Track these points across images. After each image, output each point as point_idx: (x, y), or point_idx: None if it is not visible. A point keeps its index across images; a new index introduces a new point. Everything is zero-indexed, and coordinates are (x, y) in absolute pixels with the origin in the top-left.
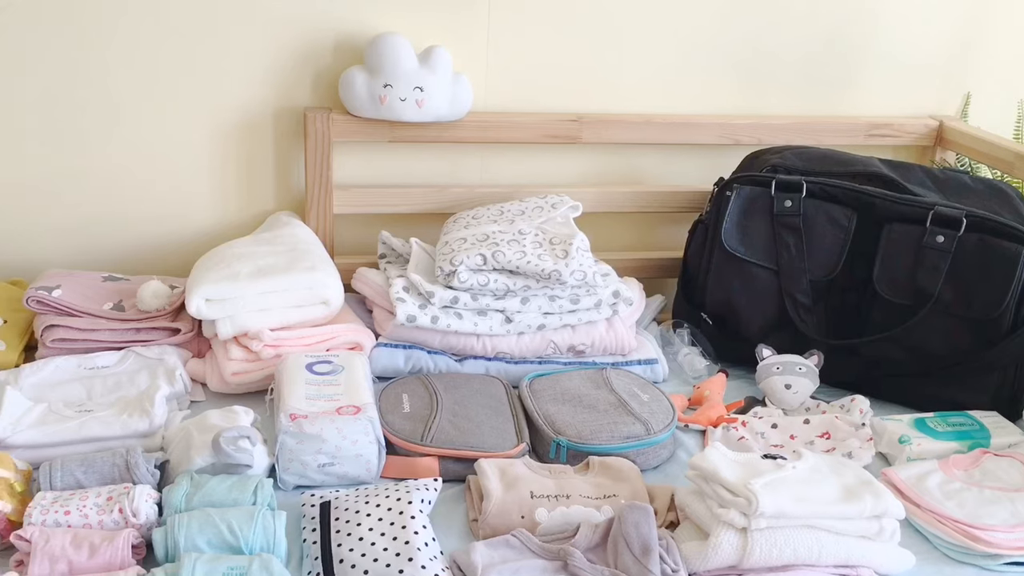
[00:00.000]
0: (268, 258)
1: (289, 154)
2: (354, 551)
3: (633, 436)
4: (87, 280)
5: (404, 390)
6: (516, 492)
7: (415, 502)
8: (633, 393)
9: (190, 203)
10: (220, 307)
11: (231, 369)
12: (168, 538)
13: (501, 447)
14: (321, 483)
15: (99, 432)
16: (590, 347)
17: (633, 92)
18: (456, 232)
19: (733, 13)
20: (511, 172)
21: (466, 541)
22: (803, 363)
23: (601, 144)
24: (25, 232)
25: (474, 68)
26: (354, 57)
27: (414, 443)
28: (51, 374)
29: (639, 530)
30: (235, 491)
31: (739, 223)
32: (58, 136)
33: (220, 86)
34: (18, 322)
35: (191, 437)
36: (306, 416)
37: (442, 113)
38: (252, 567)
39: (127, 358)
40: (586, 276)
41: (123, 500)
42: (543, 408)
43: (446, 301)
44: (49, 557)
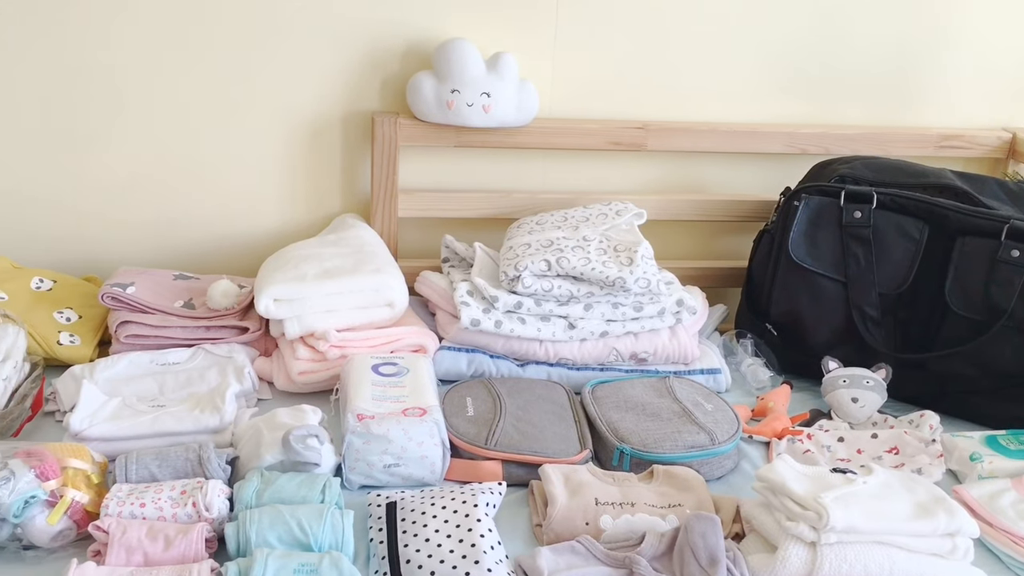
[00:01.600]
0: (335, 260)
1: (356, 157)
2: (421, 552)
3: (697, 446)
4: (159, 278)
5: (468, 393)
6: (581, 498)
7: (480, 505)
8: (697, 402)
9: (259, 204)
10: (288, 307)
11: (298, 368)
12: (240, 533)
13: (565, 453)
14: (386, 483)
15: (172, 427)
16: (652, 355)
17: (699, 100)
18: (520, 237)
19: (801, 22)
20: (574, 178)
21: (529, 546)
22: (870, 376)
23: (665, 152)
24: (99, 230)
25: (540, 74)
26: (422, 63)
27: (478, 446)
28: (124, 369)
29: (706, 540)
30: (304, 489)
31: (807, 233)
32: (132, 138)
33: (290, 90)
34: (92, 318)
35: (261, 434)
36: (373, 417)
37: (508, 119)
38: (323, 564)
39: (197, 355)
40: (650, 284)
41: (196, 494)
42: (606, 415)
43: (510, 306)
44: (126, 548)
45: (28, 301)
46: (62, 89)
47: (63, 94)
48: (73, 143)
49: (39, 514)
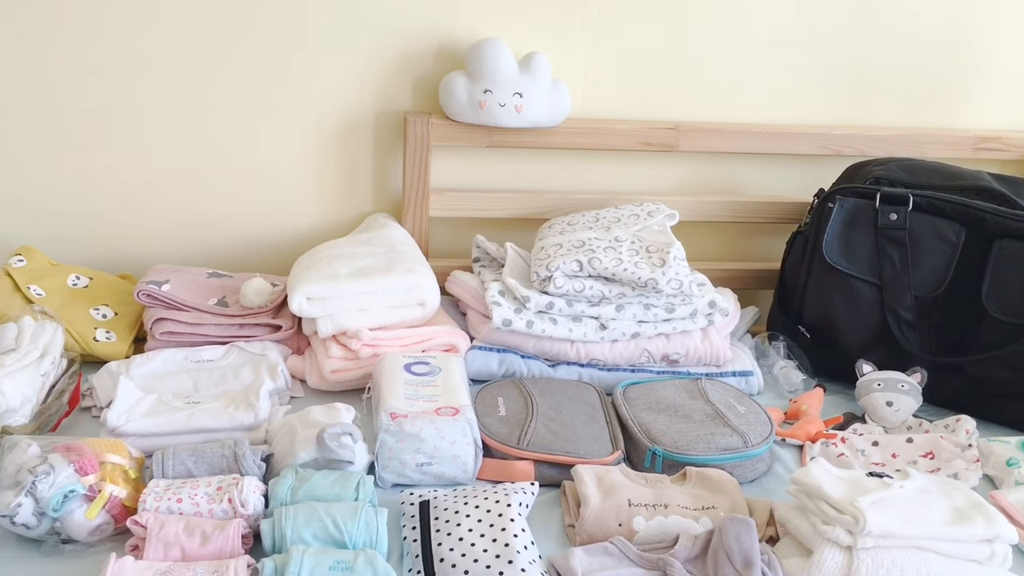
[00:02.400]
0: (367, 259)
1: (388, 157)
2: (454, 551)
3: (730, 448)
4: (193, 276)
5: (499, 393)
6: (613, 499)
7: (514, 505)
8: (729, 404)
9: (291, 203)
10: (321, 306)
11: (330, 367)
12: (275, 529)
13: (597, 454)
14: (418, 482)
15: (207, 423)
16: (684, 357)
17: (731, 100)
18: (552, 238)
19: (836, 22)
20: (606, 179)
21: (561, 546)
22: (905, 380)
23: (698, 153)
24: (134, 228)
25: (572, 75)
26: (454, 63)
27: (511, 446)
28: (159, 366)
29: (741, 543)
30: (338, 486)
31: (841, 235)
32: (166, 137)
33: (323, 90)
34: (128, 315)
35: (295, 432)
36: (406, 416)
37: (540, 119)
38: (357, 562)
39: (231, 352)
40: (682, 285)
41: (232, 490)
42: (638, 416)
43: (541, 306)
44: (163, 543)
45: (65, 298)
46: (98, 89)
47: (100, 94)
48: (108, 141)
49: (78, 508)
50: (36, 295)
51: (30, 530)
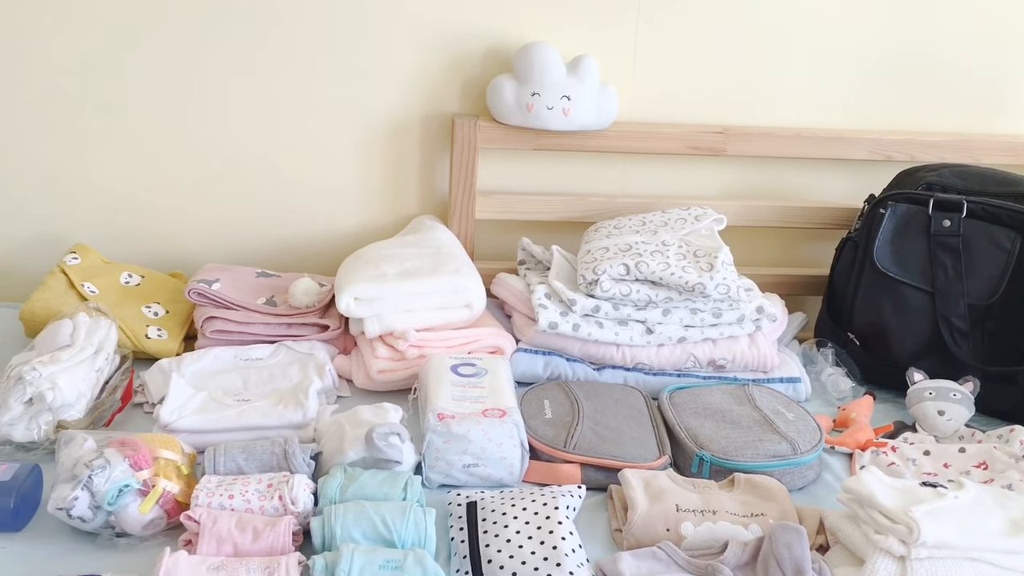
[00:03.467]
0: (414, 260)
1: (434, 159)
2: (502, 552)
3: (779, 455)
4: (242, 275)
5: (545, 396)
6: (661, 504)
7: (561, 508)
8: (778, 411)
9: (337, 204)
10: (368, 306)
11: (377, 367)
12: (325, 527)
13: (644, 458)
14: (464, 483)
15: (257, 421)
16: (731, 362)
17: (781, 105)
18: (598, 241)
19: (888, 26)
20: (652, 183)
21: (608, 550)
22: (957, 389)
23: (746, 157)
24: (184, 228)
25: (620, 78)
26: (502, 66)
27: (557, 449)
28: (210, 363)
29: (792, 551)
30: (386, 486)
31: (893, 242)
32: (215, 138)
33: (371, 91)
34: (178, 313)
35: (343, 431)
36: (453, 416)
37: (588, 122)
38: (407, 561)
39: (279, 351)
40: (730, 290)
41: (283, 488)
42: (685, 421)
43: (587, 309)
44: (216, 538)
45: (118, 295)
46: (152, 91)
47: (153, 96)
48: (157, 142)
49: (132, 503)
50: (90, 293)
51: (85, 523)
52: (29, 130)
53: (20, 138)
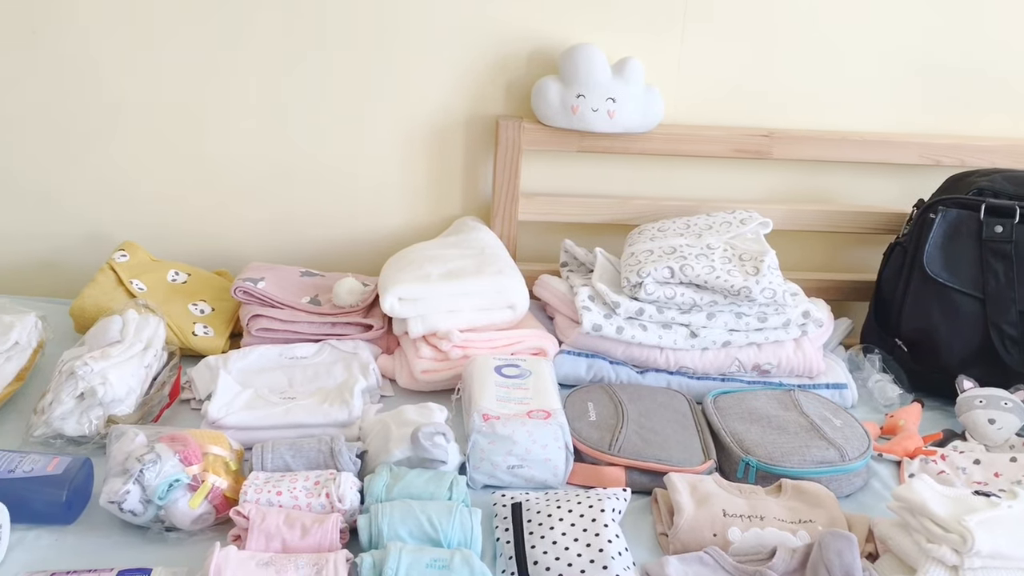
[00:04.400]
0: (457, 261)
1: (478, 160)
2: (548, 554)
3: (827, 461)
4: (287, 274)
5: (589, 398)
6: (708, 509)
7: (607, 511)
8: (825, 417)
9: (381, 204)
10: (412, 306)
11: (421, 367)
12: (372, 525)
13: (689, 462)
14: (509, 484)
15: (303, 419)
16: (776, 367)
17: (828, 108)
18: (642, 244)
19: (937, 28)
20: (697, 186)
21: (653, 554)
22: (1009, 398)
23: (791, 161)
24: (229, 227)
25: (665, 80)
26: (547, 68)
27: (602, 451)
28: (255, 361)
29: (842, 559)
30: (431, 485)
31: (943, 247)
32: (260, 138)
33: (416, 93)
34: (224, 311)
35: (389, 430)
36: (498, 417)
37: (633, 124)
38: (454, 561)
39: (323, 350)
40: (776, 294)
41: (330, 485)
42: (730, 426)
43: (631, 312)
44: (265, 534)
45: (165, 293)
46: (197, 90)
47: (199, 95)
48: (203, 142)
49: (181, 497)
50: (138, 290)
51: (136, 517)
52: (77, 130)
53: (69, 138)
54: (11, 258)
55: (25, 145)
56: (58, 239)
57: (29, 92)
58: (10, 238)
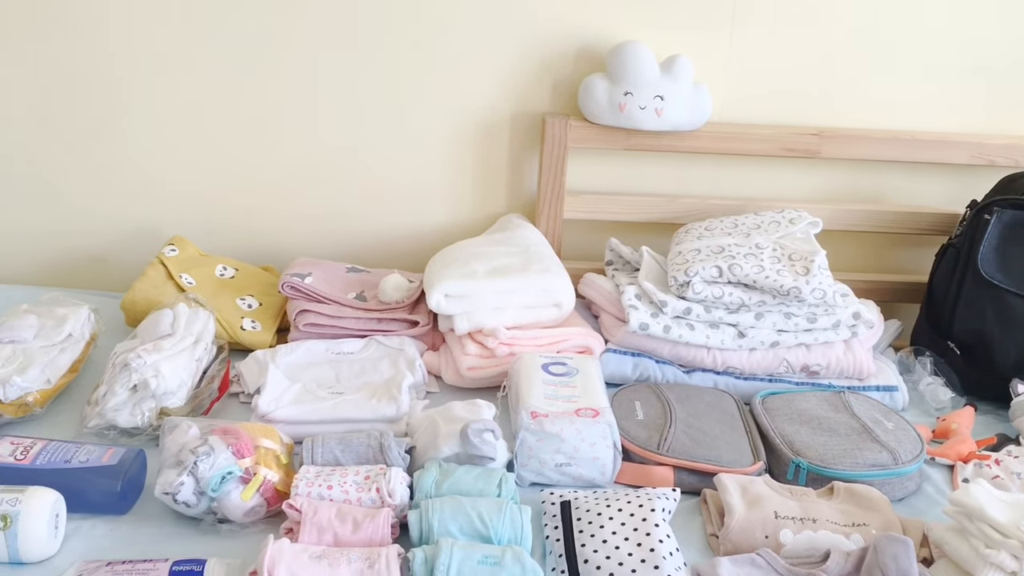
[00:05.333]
0: (503, 258)
1: (523, 158)
2: (599, 553)
3: (879, 464)
4: (333, 270)
5: (636, 397)
6: (759, 511)
7: (657, 510)
8: (876, 420)
9: (426, 201)
10: (458, 303)
11: (467, 364)
12: (423, 521)
13: (739, 463)
14: (556, 482)
15: (351, 414)
16: (825, 368)
17: (879, 106)
18: (689, 243)
19: (991, 25)
20: (744, 185)
21: (703, 555)
22: None
23: (841, 160)
24: (275, 222)
25: (713, 78)
26: (594, 66)
27: (650, 451)
28: (303, 356)
29: (898, 563)
30: (480, 482)
31: (998, 249)
32: (306, 134)
33: (462, 90)
34: (271, 305)
35: (437, 426)
36: (547, 415)
37: (681, 122)
38: (505, 557)
39: (370, 346)
40: (826, 295)
41: (380, 480)
42: (779, 427)
43: (679, 311)
44: (317, 527)
45: (213, 287)
46: (244, 87)
47: (245, 92)
48: (250, 139)
49: (234, 490)
50: (187, 284)
51: (190, 508)
52: (128, 128)
53: (119, 135)
54: (62, 252)
55: (76, 142)
56: (108, 234)
57: (79, 89)
58: (61, 233)
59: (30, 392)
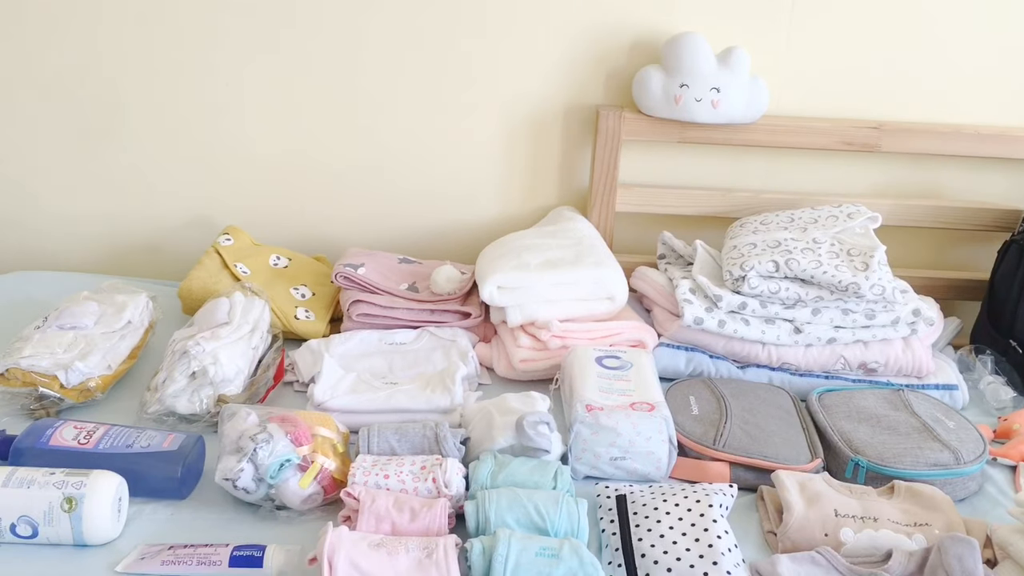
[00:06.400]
0: (556, 251)
1: (575, 150)
2: (656, 547)
3: (941, 464)
4: (385, 260)
5: (690, 392)
6: (819, 508)
7: (715, 506)
8: (937, 418)
9: (477, 193)
10: (511, 295)
11: (520, 356)
12: (479, 512)
13: (796, 460)
14: (610, 476)
15: (405, 404)
16: (883, 366)
17: (940, 99)
18: (744, 237)
19: None
20: (799, 179)
21: (760, 552)
22: None
23: (901, 154)
24: (327, 212)
25: (770, 70)
26: (649, 57)
27: (706, 446)
28: (356, 346)
29: (963, 564)
30: (536, 474)
31: None
32: (359, 126)
33: (515, 82)
34: (324, 295)
35: (492, 417)
36: (601, 408)
37: (736, 115)
38: (563, 550)
39: (422, 337)
40: (885, 291)
41: (436, 470)
42: (837, 425)
43: (734, 306)
44: (375, 516)
45: (268, 277)
46: (300, 78)
47: (301, 83)
48: (303, 131)
49: (292, 477)
50: (242, 273)
51: (249, 494)
52: (182, 118)
53: (174, 125)
54: (119, 240)
55: (133, 131)
56: (163, 222)
57: (137, 78)
58: (118, 222)
59: (92, 378)
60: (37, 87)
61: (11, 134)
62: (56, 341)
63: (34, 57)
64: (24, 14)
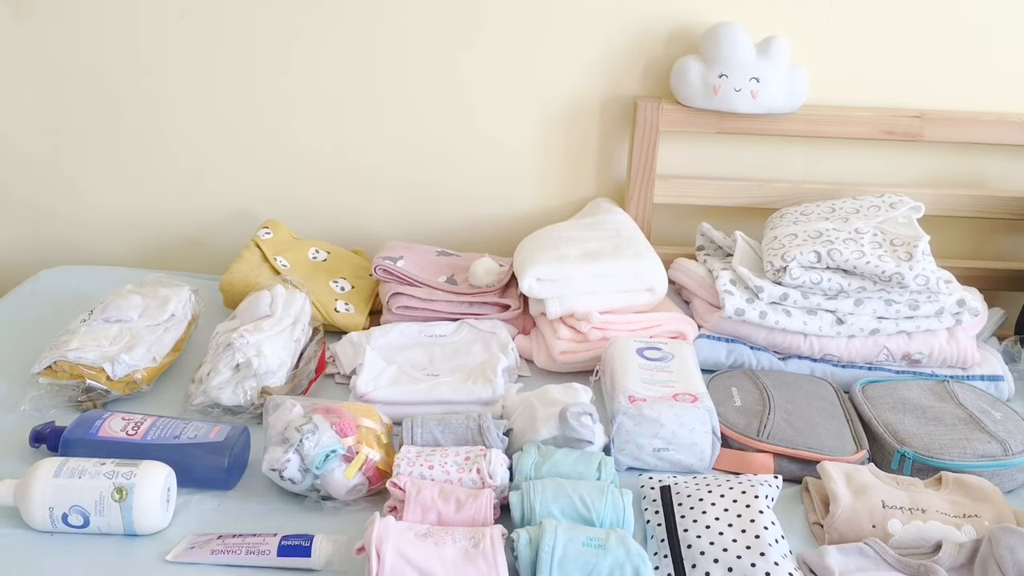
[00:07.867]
0: (594, 243)
1: (613, 142)
2: (702, 538)
3: (988, 455)
4: (424, 253)
5: (732, 383)
6: (866, 500)
7: (761, 497)
8: (984, 410)
9: (515, 185)
10: (550, 287)
11: (560, 348)
12: (524, 502)
13: (841, 451)
14: (653, 467)
15: (447, 396)
16: (927, 357)
17: (984, 87)
18: (785, 227)
19: None
20: (839, 168)
21: (806, 543)
22: None
23: (944, 143)
24: (364, 206)
25: (810, 58)
26: (687, 48)
27: (750, 438)
28: (396, 338)
29: (1015, 555)
30: (580, 465)
31: None
32: (397, 119)
33: (553, 73)
34: (363, 288)
35: (534, 409)
36: (644, 399)
37: (776, 105)
38: (609, 540)
39: (462, 329)
40: (929, 281)
41: (480, 461)
42: (882, 416)
43: (775, 297)
44: (421, 506)
45: (307, 270)
46: (336, 73)
47: (337, 79)
48: (340, 125)
49: (337, 468)
50: (282, 266)
51: (295, 485)
52: (222, 114)
53: (215, 121)
54: (160, 234)
55: (175, 128)
56: (204, 216)
57: (177, 74)
58: (160, 216)
59: (137, 370)
60: (81, 83)
61: (56, 130)
62: (102, 334)
63: (78, 54)
64: (67, 12)
